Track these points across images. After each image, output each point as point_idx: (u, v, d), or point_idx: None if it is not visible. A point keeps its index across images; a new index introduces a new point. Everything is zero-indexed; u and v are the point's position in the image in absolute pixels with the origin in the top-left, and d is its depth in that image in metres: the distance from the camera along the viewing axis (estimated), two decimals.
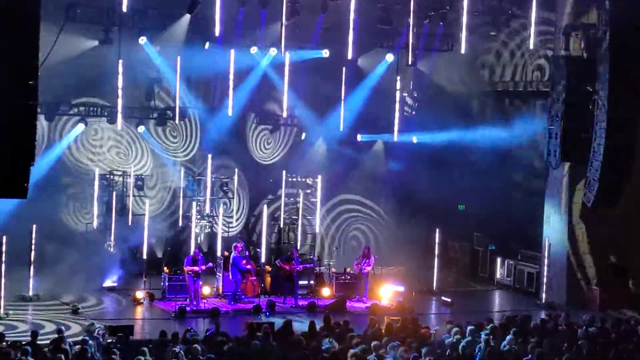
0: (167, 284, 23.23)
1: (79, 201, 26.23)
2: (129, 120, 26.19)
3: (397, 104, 28.49)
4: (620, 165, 22.59)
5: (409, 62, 26.07)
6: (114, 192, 26.13)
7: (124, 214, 26.26)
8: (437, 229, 26.83)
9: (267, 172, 28.77)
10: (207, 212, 26.94)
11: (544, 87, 25.76)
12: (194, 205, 26.67)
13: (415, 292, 24.88)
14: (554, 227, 25.50)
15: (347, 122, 28.19)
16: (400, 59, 27.22)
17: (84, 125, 25.54)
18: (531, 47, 25.59)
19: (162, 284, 23.53)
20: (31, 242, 22.61)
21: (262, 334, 16.30)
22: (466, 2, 25.41)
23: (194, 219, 26.52)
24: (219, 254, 25.35)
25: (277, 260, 24.70)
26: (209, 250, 26.81)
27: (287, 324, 17.37)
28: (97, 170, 26.14)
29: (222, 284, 23.95)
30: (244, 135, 28.68)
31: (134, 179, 26.43)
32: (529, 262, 26.85)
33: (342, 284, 24.48)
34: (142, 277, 24.09)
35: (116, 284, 24.46)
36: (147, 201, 26.46)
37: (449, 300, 24.59)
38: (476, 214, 28.52)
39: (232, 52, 25.94)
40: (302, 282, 24.41)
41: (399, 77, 28.37)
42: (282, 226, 28.01)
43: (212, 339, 16.09)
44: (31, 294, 22.65)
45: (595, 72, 22.90)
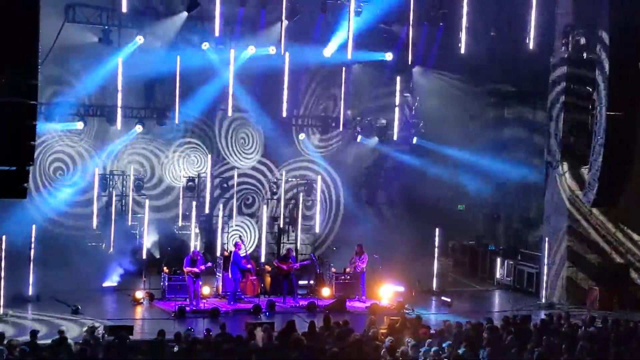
0: (166, 284, 23.22)
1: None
2: (128, 120, 26.18)
3: (397, 104, 28.50)
4: (620, 165, 22.63)
5: (409, 62, 26.08)
6: (114, 192, 26.11)
7: (123, 214, 26.24)
8: (437, 229, 26.82)
9: None
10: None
11: (544, 88, 25.74)
12: (194, 205, 26.67)
13: (415, 292, 24.86)
14: (554, 227, 25.49)
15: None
16: (400, 59, 27.20)
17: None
18: (531, 47, 25.57)
19: (161, 283, 23.52)
20: (31, 242, 22.59)
21: (261, 333, 16.28)
22: (466, 2, 25.40)
23: (193, 219, 26.50)
24: (219, 254, 25.36)
25: (275, 260, 24.71)
26: (209, 249, 26.84)
27: (290, 324, 17.31)
28: (97, 170, 26.17)
29: (221, 284, 23.93)
30: None
31: (133, 179, 26.45)
32: (529, 262, 26.83)
33: (342, 284, 24.45)
34: (142, 277, 24.07)
35: (116, 284, 24.45)
36: (147, 201, 26.50)
37: (449, 300, 24.57)
38: (476, 214, 28.50)
39: (232, 52, 25.93)
40: (302, 282, 24.42)
41: (398, 77, 28.38)
42: (281, 226, 28.02)
43: (211, 339, 16.07)
44: (31, 294, 22.62)
45: (595, 72, 22.94)
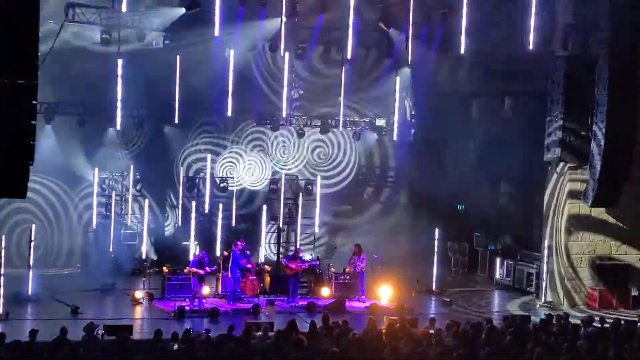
0: (166, 284, 23.19)
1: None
2: (128, 119, 26.17)
3: (397, 103, 28.50)
4: (619, 165, 22.63)
5: (409, 62, 26.08)
6: (113, 192, 26.11)
7: (123, 214, 26.23)
8: (437, 229, 26.81)
9: None
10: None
11: (544, 87, 25.72)
12: (194, 204, 26.69)
13: (415, 292, 24.85)
14: (554, 226, 25.48)
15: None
16: (400, 59, 27.20)
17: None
18: (531, 47, 25.56)
19: (161, 283, 23.50)
20: (30, 242, 22.58)
21: (262, 333, 16.27)
22: (466, 2, 25.39)
23: (193, 219, 26.57)
24: (218, 254, 25.35)
25: (283, 259, 24.65)
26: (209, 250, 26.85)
27: (292, 324, 17.28)
28: (96, 170, 26.17)
29: (221, 284, 23.91)
30: None
31: (133, 179, 26.47)
32: (529, 262, 26.82)
33: (342, 284, 24.44)
34: (142, 277, 24.05)
35: (116, 284, 24.44)
36: (147, 201, 26.47)
37: (449, 300, 24.56)
38: (476, 214, 28.49)
39: (232, 52, 25.91)
40: (302, 282, 24.40)
41: (398, 77, 28.38)
42: (281, 226, 28.04)
43: (211, 339, 16.05)
44: (30, 294, 22.60)
45: (595, 72, 22.92)
